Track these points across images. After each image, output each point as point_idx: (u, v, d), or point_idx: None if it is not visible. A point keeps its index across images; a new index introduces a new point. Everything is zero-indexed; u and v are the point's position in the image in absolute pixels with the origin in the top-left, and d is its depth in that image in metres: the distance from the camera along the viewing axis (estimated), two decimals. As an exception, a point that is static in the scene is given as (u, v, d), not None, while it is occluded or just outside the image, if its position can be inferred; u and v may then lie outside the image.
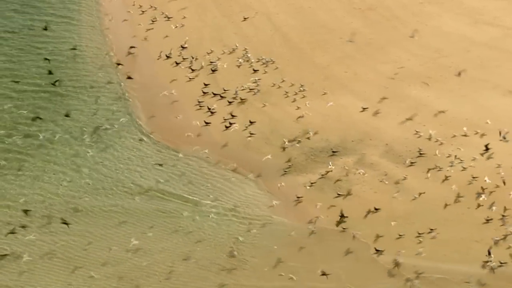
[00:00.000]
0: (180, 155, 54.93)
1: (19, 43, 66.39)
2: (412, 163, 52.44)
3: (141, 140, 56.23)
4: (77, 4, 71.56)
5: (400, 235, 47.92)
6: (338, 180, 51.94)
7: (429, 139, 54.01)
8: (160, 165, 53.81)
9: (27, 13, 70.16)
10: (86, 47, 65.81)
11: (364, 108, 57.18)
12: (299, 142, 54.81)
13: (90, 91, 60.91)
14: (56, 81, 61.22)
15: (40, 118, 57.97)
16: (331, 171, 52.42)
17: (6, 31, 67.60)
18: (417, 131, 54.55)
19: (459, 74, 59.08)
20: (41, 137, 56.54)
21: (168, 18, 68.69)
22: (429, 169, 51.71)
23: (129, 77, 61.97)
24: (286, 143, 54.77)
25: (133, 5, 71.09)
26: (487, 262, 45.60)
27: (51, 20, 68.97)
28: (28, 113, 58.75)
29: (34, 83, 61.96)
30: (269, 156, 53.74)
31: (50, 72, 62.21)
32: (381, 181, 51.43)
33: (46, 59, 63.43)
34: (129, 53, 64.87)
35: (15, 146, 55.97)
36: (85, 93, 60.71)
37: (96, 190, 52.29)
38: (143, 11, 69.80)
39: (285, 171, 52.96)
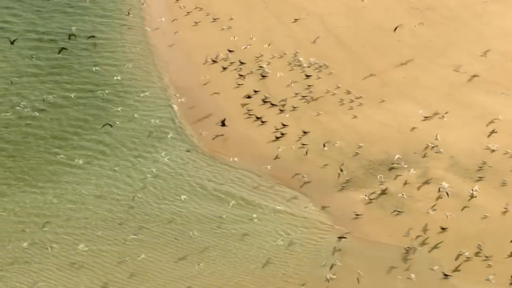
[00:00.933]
0: (228, 167, 51.54)
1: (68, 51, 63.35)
2: (480, 177, 48.88)
3: (188, 151, 52.92)
4: (120, 4, 68.10)
5: (468, 258, 44.63)
6: (399, 196, 48.45)
7: (498, 151, 50.21)
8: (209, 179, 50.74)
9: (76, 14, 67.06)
10: (129, 51, 62.47)
11: (426, 117, 53.75)
12: (356, 154, 51.12)
13: (134, 99, 57.60)
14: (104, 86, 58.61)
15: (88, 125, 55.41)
16: (392, 186, 48.73)
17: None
18: (484, 143, 50.79)
19: None
20: (90, 145, 53.94)
21: (214, 19, 65.12)
22: (498, 185, 47.92)
23: (173, 84, 58.65)
24: (342, 154, 51.24)
25: (176, 1, 67.26)
26: None
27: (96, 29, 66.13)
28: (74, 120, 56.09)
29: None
30: (324, 170, 50.19)
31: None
32: (447, 198, 47.64)
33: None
34: (173, 58, 61.46)
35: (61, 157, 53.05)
36: (129, 100, 57.42)
37: (155, 199, 49.55)
38: (188, 12, 66.23)
39: (342, 186, 49.57)
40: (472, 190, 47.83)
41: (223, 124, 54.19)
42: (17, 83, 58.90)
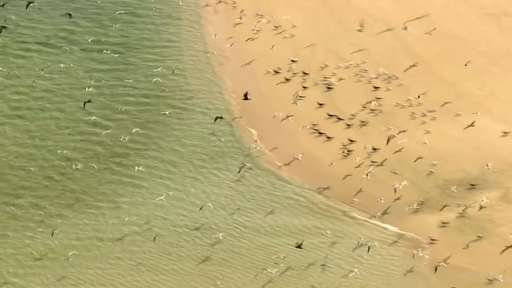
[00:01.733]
0: (293, 186, 48.66)
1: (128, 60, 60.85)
2: None
3: (250, 169, 50.03)
4: (177, 12, 65.40)
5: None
6: (479, 220, 45.56)
7: None
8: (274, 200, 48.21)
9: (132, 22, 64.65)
10: (190, 61, 59.73)
11: (505, 133, 50.88)
12: (431, 173, 47.76)
13: (195, 111, 55.05)
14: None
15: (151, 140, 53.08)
16: (471, 208, 45.66)
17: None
18: None
19: None
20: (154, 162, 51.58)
21: (276, 27, 62.11)
22: None
23: (235, 96, 55.96)
24: (415, 173, 48.05)
25: (233, 8, 64.27)
26: None
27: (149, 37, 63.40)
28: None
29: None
30: (396, 190, 46.90)
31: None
32: (532, 222, 44.51)
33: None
34: (234, 68, 58.67)
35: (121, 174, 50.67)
36: (190, 113, 54.89)
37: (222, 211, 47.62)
38: (248, 20, 63.12)
39: (417, 208, 46.39)
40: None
41: (245, 97, 52.65)
42: (77, 91, 56.73)
